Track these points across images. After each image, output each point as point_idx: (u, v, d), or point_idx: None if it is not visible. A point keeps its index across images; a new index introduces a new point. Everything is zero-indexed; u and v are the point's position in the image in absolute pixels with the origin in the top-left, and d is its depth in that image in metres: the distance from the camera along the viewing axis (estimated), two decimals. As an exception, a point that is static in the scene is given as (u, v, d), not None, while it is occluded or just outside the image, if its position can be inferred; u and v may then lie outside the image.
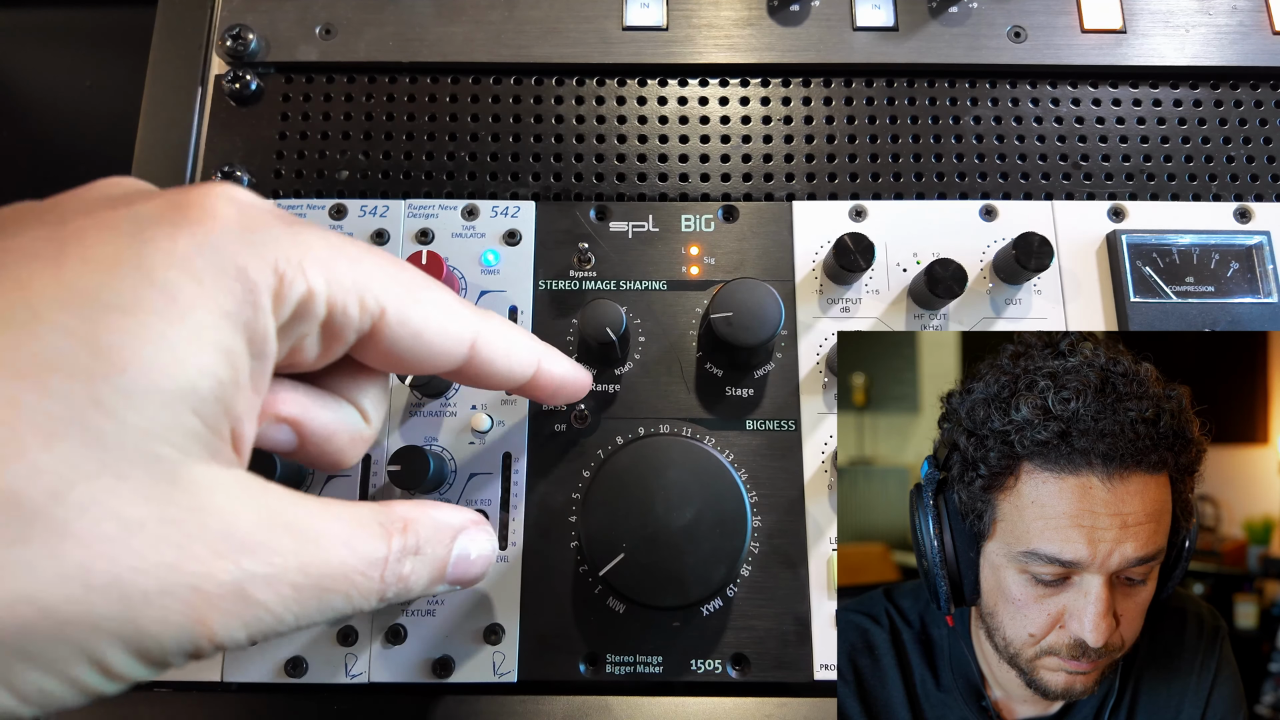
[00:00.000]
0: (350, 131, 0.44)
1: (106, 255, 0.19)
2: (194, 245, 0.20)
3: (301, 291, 0.21)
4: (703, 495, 0.33)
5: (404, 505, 0.26)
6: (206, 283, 0.20)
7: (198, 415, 0.19)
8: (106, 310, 0.18)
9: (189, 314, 0.19)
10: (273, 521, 0.21)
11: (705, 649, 0.36)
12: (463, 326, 0.26)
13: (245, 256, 0.20)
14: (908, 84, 0.45)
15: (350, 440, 0.27)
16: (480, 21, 0.45)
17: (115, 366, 0.18)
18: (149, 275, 0.19)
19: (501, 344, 0.28)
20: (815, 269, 0.41)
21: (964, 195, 0.43)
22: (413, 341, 0.25)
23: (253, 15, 0.45)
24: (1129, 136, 0.44)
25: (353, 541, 0.23)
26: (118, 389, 0.18)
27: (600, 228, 0.41)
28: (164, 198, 0.21)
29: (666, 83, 0.45)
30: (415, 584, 0.26)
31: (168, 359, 0.19)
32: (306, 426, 0.26)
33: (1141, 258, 0.40)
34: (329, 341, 0.24)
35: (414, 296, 0.25)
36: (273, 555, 0.21)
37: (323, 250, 0.22)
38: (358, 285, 0.23)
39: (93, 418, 0.18)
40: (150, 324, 0.19)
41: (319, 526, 0.22)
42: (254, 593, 0.20)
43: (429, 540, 0.26)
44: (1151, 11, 0.45)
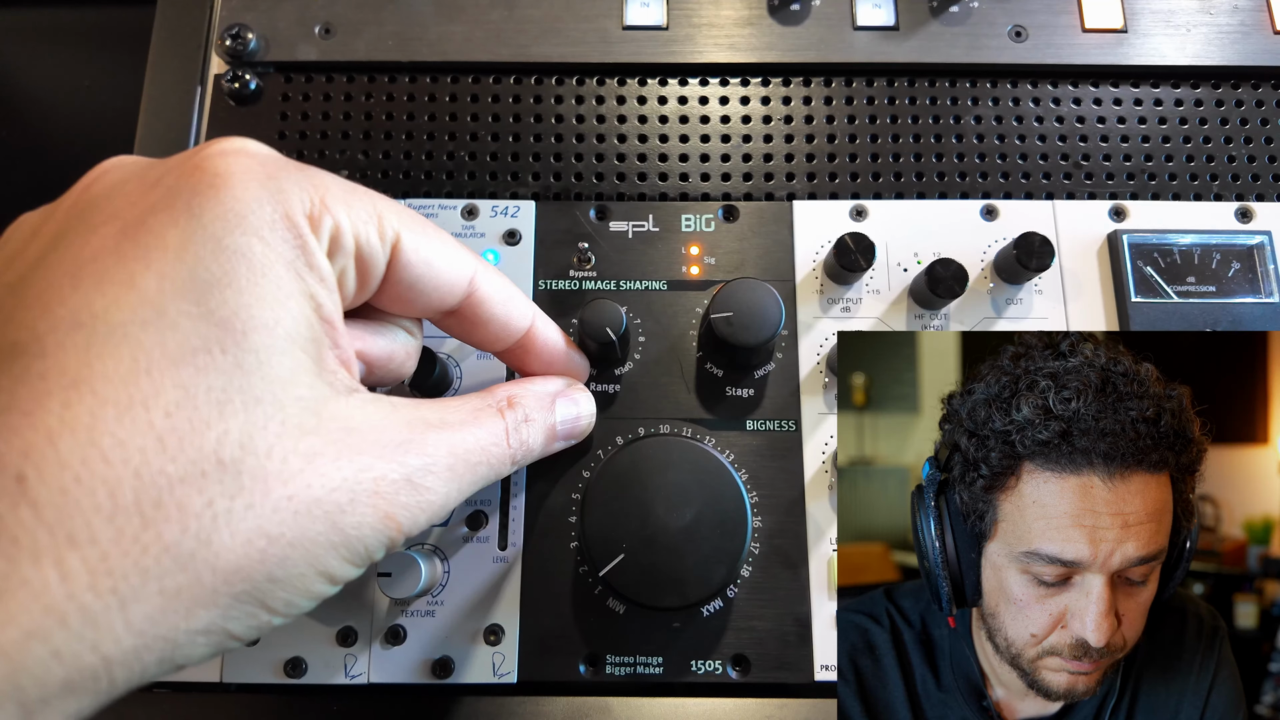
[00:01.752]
0: (349, 131, 0.44)
1: (180, 238, 0.21)
2: (241, 205, 0.22)
3: (330, 226, 0.24)
4: (703, 496, 0.33)
5: (505, 386, 0.30)
6: (266, 236, 0.22)
7: (307, 353, 0.22)
8: (207, 288, 0.21)
9: (267, 270, 0.22)
10: (411, 423, 0.24)
11: (705, 650, 0.36)
12: (467, 256, 0.29)
13: (282, 203, 0.22)
14: (908, 83, 0.45)
15: (406, 355, 0.30)
16: (480, 21, 0.45)
17: (240, 334, 0.21)
18: (221, 245, 0.21)
19: (500, 285, 0.30)
20: (816, 269, 0.41)
21: (965, 195, 0.43)
22: (425, 270, 0.27)
23: (252, 15, 0.45)
24: (1130, 136, 0.44)
25: (477, 423, 0.27)
26: (249, 351, 0.21)
27: (600, 227, 0.41)
28: (184, 167, 0.22)
29: (667, 82, 0.45)
30: (535, 445, 0.30)
31: (272, 315, 0.21)
32: (371, 355, 0.28)
33: (1143, 257, 0.40)
34: (362, 272, 0.25)
35: (422, 228, 0.27)
36: (424, 447, 0.24)
37: (337, 187, 0.24)
38: (373, 215, 0.25)
39: (241, 380, 0.21)
40: (245, 289, 0.21)
41: (447, 417, 0.26)
42: (420, 480, 0.24)
43: (535, 408, 0.30)
44: (1152, 11, 0.45)
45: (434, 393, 0.38)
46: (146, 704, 0.35)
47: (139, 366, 0.19)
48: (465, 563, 0.37)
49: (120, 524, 0.18)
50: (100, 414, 0.19)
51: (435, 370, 0.36)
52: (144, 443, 0.19)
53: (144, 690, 0.36)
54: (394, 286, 0.27)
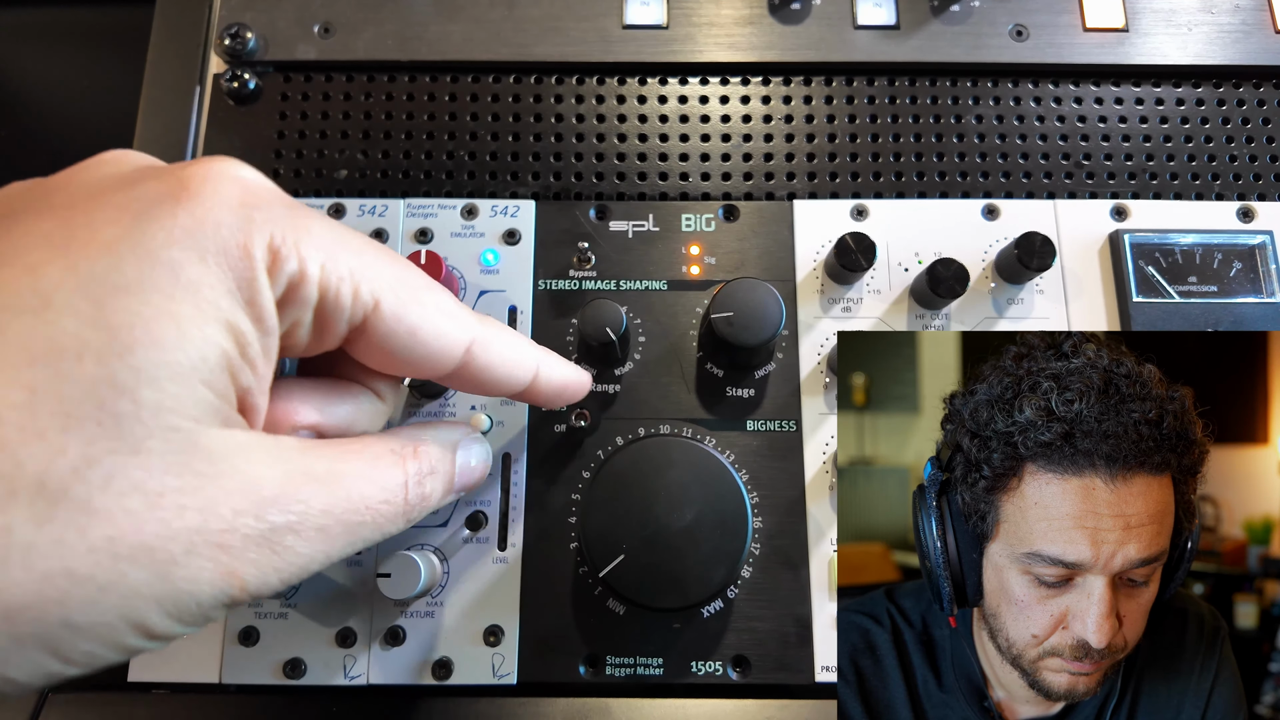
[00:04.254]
0: (349, 130, 0.44)
1: (113, 237, 0.19)
2: (196, 223, 0.20)
3: (293, 270, 0.22)
4: (703, 496, 0.33)
5: (410, 429, 0.28)
6: (209, 259, 0.20)
7: (208, 386, 0.20)
8: (114, 291, 0.19)
9: (193, 291, 0.20)
10: (291, 472, 0.22)
11: (706, 651, 0.36)
12: (460, 329, 0.26)
13: (245, 233, 0.21)
14: (909, 82, 0.45)
15: (369, 422, 0.28)
16: (479, 20, 0.45)
17: (125, 346, 0.19)
18: (153, 254, 0.19)
19: (498, 350, 0.28)
20: (816, 268, 0.40)
21: (966, 194, 0.43)
22: (408, 339, 0.25)
23: (251, 14, 0.45)
24: (1131, 135, 0.44)
25: (371, 474, 0.24)
26: (129, 367, 0.19)
27: (600, 227, 0.41)
28: (169, 175, 0.21)
29: (667, 81, 0.45)
30: (432, 499, 0.27)
31: (175, 335, 0.19)
32: (326, 426, 0.26)
33: (1144, 257, 0.40)
34: (320, 327, 0.24)
35: (413, 295, 0.25)
36: (293, 504, 0.22)
37: (322, 235, 0.23)
38: (354, 274, 0.23)
39: (107, 396, 0.18)
40: (156, 302, 0.19)
41: (337, 468, 0.23)
42: (280, 540, 0.21)
43: (438, 458, 0.28)
44: (1154, 10, 0.45)
45: (433, 393, 0.38)
46: (146, 704, 0.35)
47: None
48: (465, 563, 0.36)
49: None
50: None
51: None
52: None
53: (143, 690, 0.36)
54: (369, 348, 0.25)
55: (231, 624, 0.36)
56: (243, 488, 0.20)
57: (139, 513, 0.18)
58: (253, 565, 0.20)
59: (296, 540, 0.21)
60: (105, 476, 0.18)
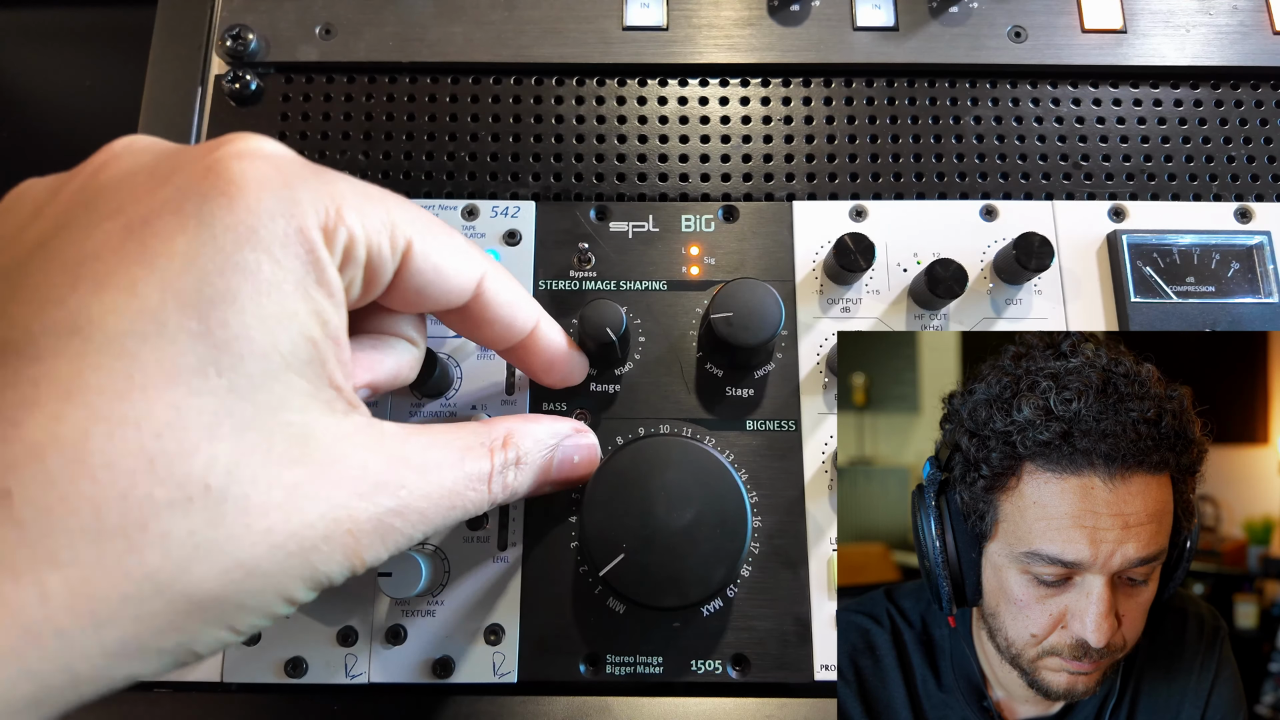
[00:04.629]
0: (350, 131, 0.44)
1: (187, 247, 0.20)
2: (252, 218, 0.21)
3: (344, 238, 0.23)
4: (703, 496, 0.33)
5: (507, 422, 0.29)
6: (276, 253, 0.21)
7: (305, 378, 0.22)
8: (211, 305, 0.20)
9: (274, 289, 0.21)
10: (393, 459, 0.24)
11: (705, 649, 0.36)
12: (473, 264, 0.28)
13: (297, 216, 0.22)
14: (908, 84, 0.45)
15: (410, 369, 0.30)
16: (480, 21, 0.45)
17: (236, 355, 0.20)
18: (229, 259, 0.21)
19: (506, 287, 0.30)
20: (815, 269, 0.41)
21: (964, 195, 0.43)
22: (434, 274, 0.26)
23: (253, 15, 0.45)
24: (1129, 136, 0.44)
25: (461, 463, 0.26)
26: (242, 375, 0.20)
27: (600, 228, 0.41)
28: (197, 164, 0.22)
29: (667, 83, 0.45)
30: (522, 488, 0.29)
31: (269, 337, 0.21)
32: (377, 381, 0.29)
33: (1142, 258, 0.40)
34: (370, 281, 0.25)
35: (432, 231, 0.26)
36: (399, 489, 0.24)
37: (353, 195, 0.24)
38: (386, 224, 0.24)
39: (235, 405, 0.20)
40: (248, 309, 0.21)
41: (432, 456, 0.25)
42: (390, 522, 0.24)
43: (529, 451, 0.30)
44: (1152, 11, 0.45)
45: (434, 393, 0.38)
46: (147, 704, 0.35)
47: (134, 383, 0.19)
48: (465, 563, 0.37)
49: (104, 547, 0.18)
50: (91, 430, 0.18)
51: (435, 370, 0.36)
52: (134, 464, 0.18)
53: (144, 689, 0.36)
54: (400, 290, 0.26)
55: (232, 623, 0.36)
56: (356, 475, 0.23)
57: (284, 505, 0.21)
58: (370, 546, 0.23)
59: (402, 521, 0.24)
60: (252, 476, 0.20)
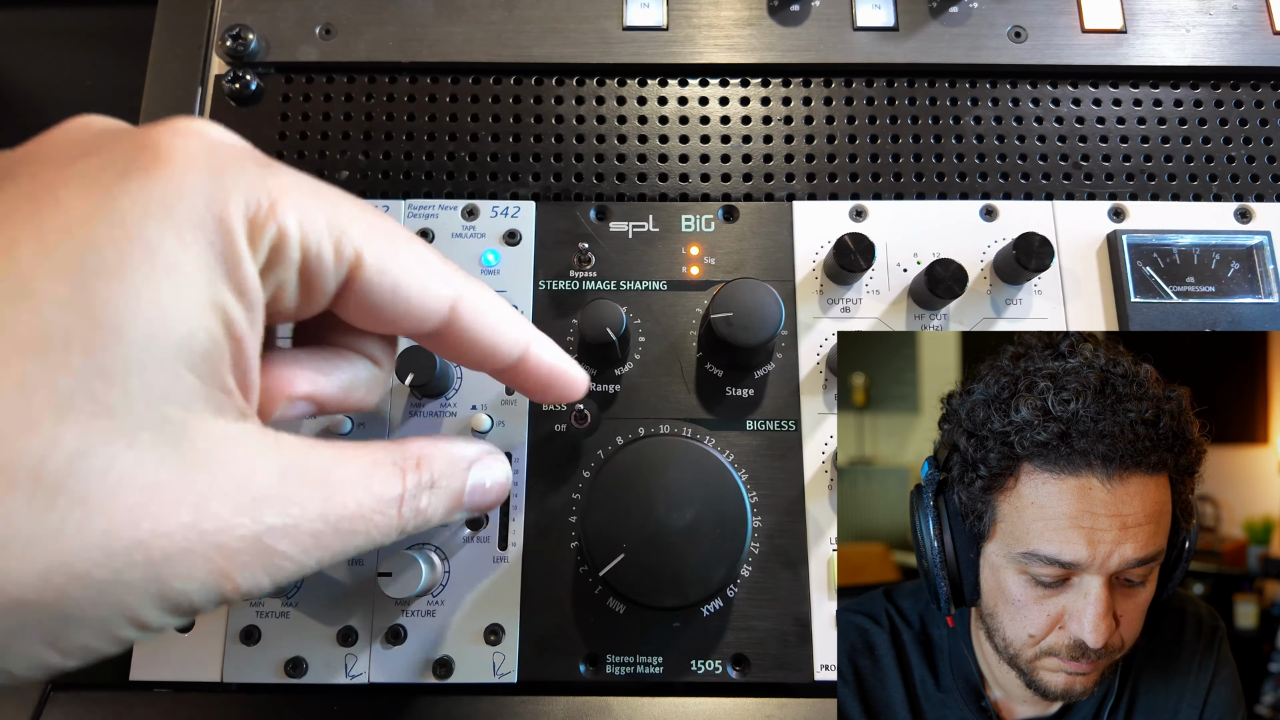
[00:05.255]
0: (350, 132, 0.44)
1: (84, 213, 0.18)
2: (169, 194, 0.19)
3: (273, 234, 0.21)
4: (703, 496, 0.33)
5: (419, 442, 0.26)
6: (186, 234, 0.19)
7: (196, 373, 0.19)
8: (95, 276, 0.18)
9: (173, 271, 0.19)
10: (287, 471, 0.21)
11: (705, 649, 0.36)
12: (443, 285, 0.25)
13: (220, 200, 0.20)
14: (908, 84, 0.45)
15: (367, 390, 0.27)
16: (480, 21, 0.45)
17: (112, 333, 0.18)
18: (129, 232, 0.18)
19: (487, 312, 0.27)
20: (815, 269, 0.41)
21: (964, 195, 0.43)
22: (391, 294, 0.24)
23: (253, 15, 0.45)
24: (1129, 136, 0.44)
25: (368, 483, 0.23)
26: (117, 356, 0.18)
27: (600, 228, 0.41)
28: (133, 138, 0.20)
29: (667, 83, 0.45)
30: (433, 515, 0.26)
31: (159, 320, 0.19)
32: (321, 396, 0.26)
33: (1142, 258, 0.40)
34: (307, 289, 0.23)
35: (393, 248, 0.24)
36: (289, 506, 0.21)
37: (296, 192, 0.22)
38: (333, 229, 0.22)
39: (98, 386, 0.18)
40: (138, 286, 0.18)
41: (335, 472, 0.22)
42: (274, 544, 0.20)
43: (444, 474, 0.26)
44: (1152, 11, 0.45)
45: (434, 393, 0.38)
46: (148, 702, 0.36)
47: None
48: (465, 563, 0.37)
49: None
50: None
51: (436, 369, 0.36)
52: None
53: (145, 689, 0.36)
54: (352, 305, 0.24)
55: (233, 623, 0.36)
56: (238, 484, 0.20)
57: (135, 507, 0.18)
58: (245, 567, 0.20)
59: (290, 545, 0.21)
60: (101, 469, 0.18)
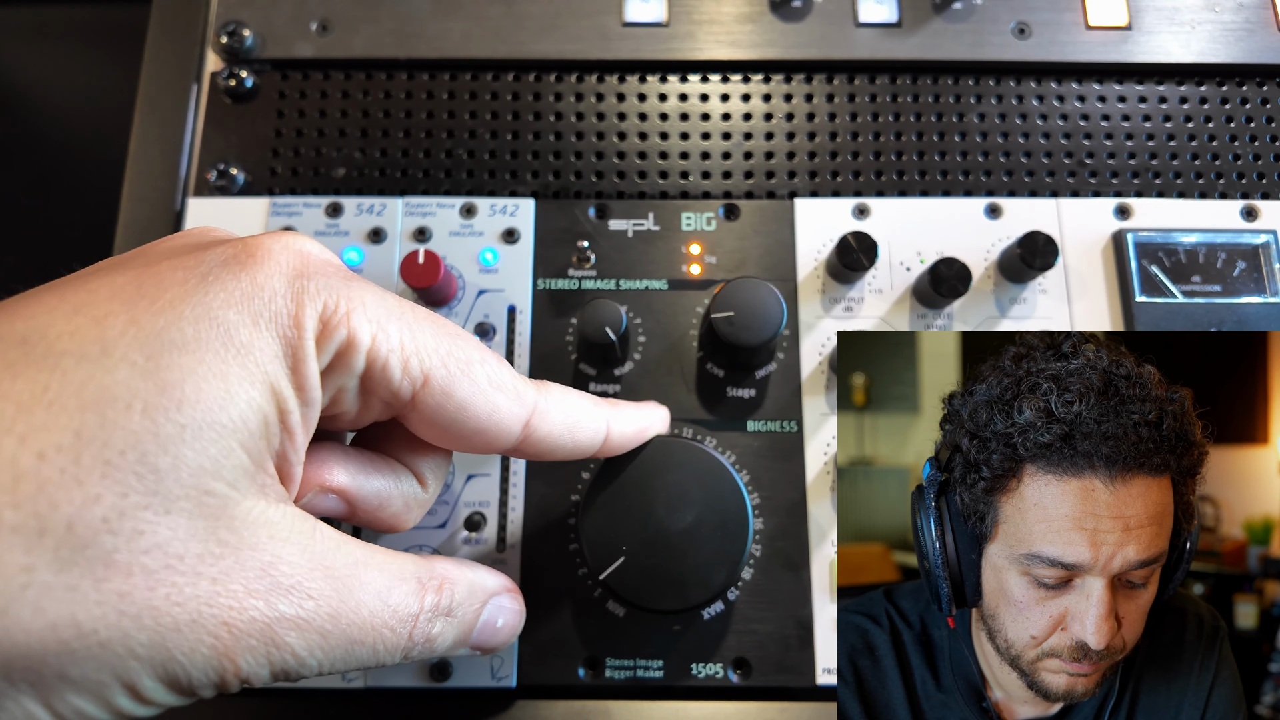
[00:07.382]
0: (347, 128, 0.44)
1: (176, 296, 0.20)
2: (253, 287, 0.21)
3: (341, 339, 0.22)
4: (704, 497, 0.32)
5: (445, 564, 0.26)
6: (261, 324, 0.21)
7: (246, 451, 0.20)
8: (170, 347, 0.19)
9: (243, 353, 0.20)
10: (313, 564, 0.22)
11: (706, 653, 0.36)
12: (514, 403, 0.26)
13: (298, 302, 0.22)
14: (911, 80, 0.45)
15: (404, 506, 0.27)
16: (478, 17, 0.44)
17: (174, 401, 0.19)
18: (210, 314, 0.20)
19: (561, 419, 0.27)
20: (818, 268, 0.40)
21: (968, 193, 0.43)
22: (458, 415, 0.24)
23: (248, 11, 0.44)
24: (1135, 134, 0.44)
25: (388, 594, 0.23)
26: (175, 423, 0.19)
27: (600, 226, 0.41)
28: (237, 243, 0.22)
29: (667, 79, 0.45)
30: (440, 645, 0.26)
31: (222, 395, 0.20)
32: (355, 495, 0.26)
33: (1148, 256, 0.40)
34: (367, 398, 0.24)
35: (463, 369, 0.24)
36: (305, 599, 0.21)
37: (375, 307, 0.23)
38: (404, 347, 0.23)
39: (150, 450, 0.18)
40: (208, 361, 0.20)
41: (359, 574, 0.23)
42: (282, 635, 0.21)
43: (462, 602, 0.26)
44: (1157, 8, 0.45)
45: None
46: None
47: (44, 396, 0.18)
48: (464, 564, 0.36)
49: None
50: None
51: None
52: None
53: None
54: (421, 422, 0.25)
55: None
56: (261, 567, 0.20)
57: (155, 573, 0.18)
58: (250, 651, 0.20)
59: (297, 638, 0.21)
60: (134, 531, 0.18)
